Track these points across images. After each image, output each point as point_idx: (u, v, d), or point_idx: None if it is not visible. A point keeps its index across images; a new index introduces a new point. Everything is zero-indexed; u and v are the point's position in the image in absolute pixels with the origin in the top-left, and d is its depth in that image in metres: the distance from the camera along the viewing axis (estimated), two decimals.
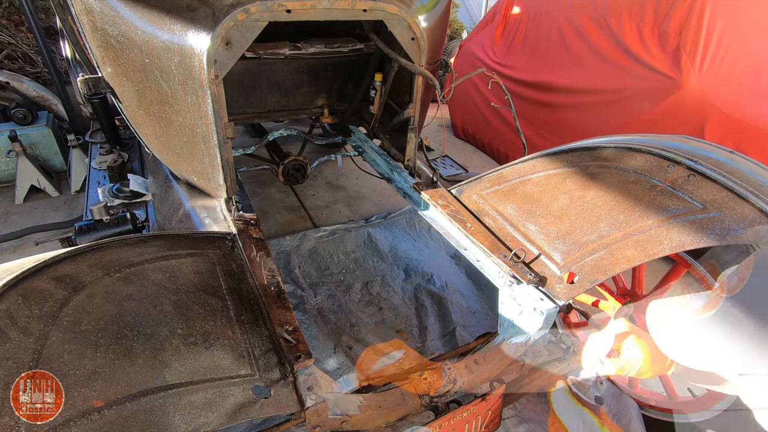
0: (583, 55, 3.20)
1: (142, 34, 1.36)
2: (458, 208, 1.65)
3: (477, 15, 7.40)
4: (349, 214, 3.11)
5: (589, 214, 1.35)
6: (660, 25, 2.79)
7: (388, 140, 2.23)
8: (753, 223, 1.08)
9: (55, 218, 2.96)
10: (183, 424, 0.79)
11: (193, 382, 0.86)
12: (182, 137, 1.54)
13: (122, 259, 1.04)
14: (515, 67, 3.72)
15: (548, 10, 3.54)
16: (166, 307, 0.97)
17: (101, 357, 0.81)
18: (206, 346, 0.94)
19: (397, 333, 2.22)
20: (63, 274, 0.92)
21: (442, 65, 2.20)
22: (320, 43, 2.07)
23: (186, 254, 1.17)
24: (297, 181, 2.63)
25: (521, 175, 1.58)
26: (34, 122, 3.31)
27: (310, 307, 2.31)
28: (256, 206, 3.06)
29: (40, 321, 0.80)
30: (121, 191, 2.17)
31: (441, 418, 1.12)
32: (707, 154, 1.27)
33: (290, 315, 1.14)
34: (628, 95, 2.89)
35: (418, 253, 2.77)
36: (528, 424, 1.89)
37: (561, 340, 1.45)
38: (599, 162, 1.43)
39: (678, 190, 1.22)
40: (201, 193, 1.71)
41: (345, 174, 3.60)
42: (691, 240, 1.12)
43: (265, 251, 1.36)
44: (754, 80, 2.59)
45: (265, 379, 0.95)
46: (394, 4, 1.52)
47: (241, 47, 1.35)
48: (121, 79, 1.52)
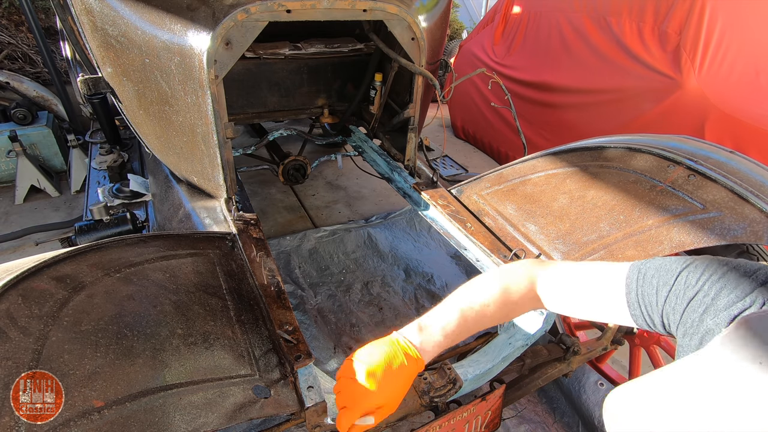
0: (583, 55, 3.20)
1: (142, 34, 1.36)
2: (458, 208, 1.65)
3: (477, 15, 7.40)
4: (349, 214, 3.11)
5: (589, 214, 1.35)
6: (660, 25, 2.79)
7: (388, 140, 2.23)
8: (753, 223, 1.08)
9: (55, 218, 2.96)
10: (183, 424, 0.79)
11: (193, 382, 0.86)
12: (182, 137, 1.54)
13: (122, 259, 1.04)
14: (515, 67, 3.72)
15: (548, 10, 3.54)
16: (166, 307, 0.97)
17: (101, 357, 0.81)
18: (206, 346, 0.94)
19: None
20: (63, 274, 0.92)
21: (442, 65, 2.20)
22: (320, 43, 2.07)
23: (186, 254, 1.17)
24: (297, 181, 2.63)
25: (521, 175, 1.58)
26: (34, 122, 3.31)
27: (311, 307, 2.31)
28: (256, 206, 3.06)
29: (40, 321, 0.80)
30: (121, 191, 2.17)
31: (441, 418, 1.12)
32: (707, 154, 1.27)
33: (290, 315, 1.14)
34: (628, 95, 2.89)
35: (418, 253, 2.77)
36: (528, 424, 1.89)
37: (561, 340, 1.45)
38: (599, 162, 1.43)
39: (678, 190, 1.22)
40: (201, 193, 1.71)
41: (345, 174, 3.60)
42: (691, 240, 1.13)
43: (265, 251, 1.36)
44: (754, 80, 2.59)
45: (265, 379, 0.95)
46: (394, 4, 1.52)
47: (241, 47, 1.35)
48: (121, 79, 1.52)
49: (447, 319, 0.80)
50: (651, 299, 0.64)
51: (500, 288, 0.81)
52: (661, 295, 0.63)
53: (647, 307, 0.65)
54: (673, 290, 0.61)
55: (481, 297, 0.81)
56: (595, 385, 1.88)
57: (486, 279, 0.85)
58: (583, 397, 1.87)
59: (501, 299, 0.81)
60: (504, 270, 0.85)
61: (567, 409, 1.93)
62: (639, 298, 0.66)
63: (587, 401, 1.85)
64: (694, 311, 0.58)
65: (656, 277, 0.64)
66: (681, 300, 0.60)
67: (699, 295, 0.58)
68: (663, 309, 0.63)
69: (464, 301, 0.82)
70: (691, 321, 0.58)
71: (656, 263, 0.66)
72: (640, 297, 0.66)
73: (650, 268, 0.66)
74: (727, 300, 0.55)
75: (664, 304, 0.62)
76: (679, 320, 0.60)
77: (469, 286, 0.85)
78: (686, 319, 0.59)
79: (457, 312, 0.80)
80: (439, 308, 0.83)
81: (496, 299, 0.81)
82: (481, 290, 0.83)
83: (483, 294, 0.82)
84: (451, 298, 0.84)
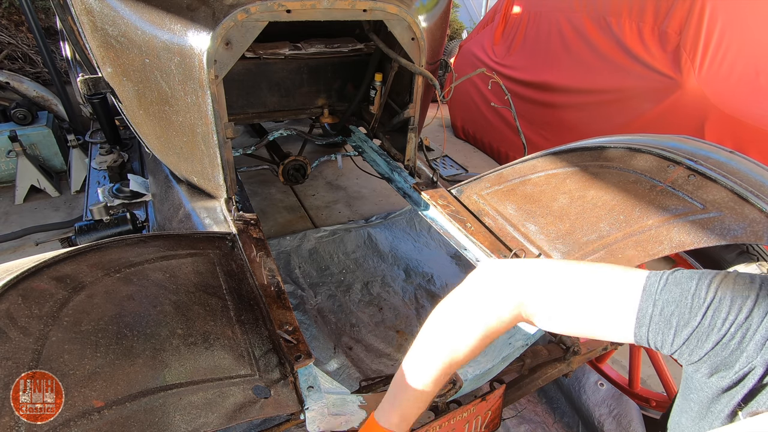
0: (583, 55, 3.20)
1: (142, 34, 1.36)
2: (458, 208, 1.65)
3: (477, 15, 7.40)
4: (349, 214, 3.11)
5: (589, 214, 1.35)
6: (660, 25, 2.79)
7: (388, 140, 2.22)
8: (753, 223, 1.08)
9: (55, 218, 2.96)
10: (183, 424, 0.79)
11: (193, 382, 0.86)
12: (182, 137, 1.54)
13: (122, 259, 1.04)
14: (515, 67, 3.72)
15: (548, 10, 3.54)
16: (166, 307, 0.97)
17: (101, 357, 0.81)
18: (206, 346, 0.94)
19: (397, 333, 2.22)
20: (63, 274, 0.92)
21: (442, 65, 2.20)
22: (320, 43, 2.07)
23: (186, 254, 1.17)
24: (297, 181, 2.63)
25: (521, 175, 1.58)
26: (34, 122, 3.31)
27: (310, 307, 2.31)
28: (256, 206, 3.06)
29: (40, 321, 0.80)
30: (121, 191, 2.17)
31: (441, 418, 1.12)
32: (707, 154, 1.27)
33: (290, 315, 1.14)
34: (628, 95, 2.89)
35: (418, 253, 2.77)
36: (528, 424, 1.89)
37: (561, 340, 1.45)
38: (599, 162, 1.43)
39: (678, 190, 1.22)
40: (201, 193, 1.71)
41: (345, 174, 3.60)
42: (691, 240, 1.12)
43: (265, 251, 1.36)
44: (754, 80, 2.59)
45: (265, 379, 0.95)
46: (394, 4, 1.52)
47: (241, 47, 1.35)
48: (121, 79, 1.52)
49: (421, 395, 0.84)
50: (666, 338, 0.61)
51: (482, 333, 0.75)
52: (680, 337, 0.59)
53: (658, 343, 0.62)
54: (695, 333, 0.58)
55: (461, 347, 0.77)
56: (595, 385, 1.88)
57: (466, 321, 0.76)
58: (583, 397, 1.87)
59: (481, 344, 0.77)
60: (486, 301, 0.74)
61: (567, 409, 1.93)
62: (650, 334, 0.62)
63: (587, 401, 1.85)
64: (717, 355, 0.57)
65: (676, 316, 0.59)
66: (703, 343, 0.58)
67: (725, 338, 0.56)
68: (679, 349, 0.60)
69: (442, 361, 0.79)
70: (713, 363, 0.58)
71: (675, 295, 0.60)
72: (652, 333, 0.62)
73: (669, 303, 0.60)
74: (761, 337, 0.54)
75: (682, 345, 0.60)
76: (696, 361, 0.59)
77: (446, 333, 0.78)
78: (707, 360, 0.58)
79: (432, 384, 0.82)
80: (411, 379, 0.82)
81: (476, 345, 0.77)
82: (461, 339, 0.77)
83: (463, 343, 0.77)
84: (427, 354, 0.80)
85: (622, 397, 1.84)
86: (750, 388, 0.55)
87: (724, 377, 0.57)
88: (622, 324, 0.64)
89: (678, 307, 0.59)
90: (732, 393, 0.58)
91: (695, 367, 0.60)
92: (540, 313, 0.71)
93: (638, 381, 1.85)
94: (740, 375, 0.56)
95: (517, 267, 0.74)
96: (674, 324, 0.59)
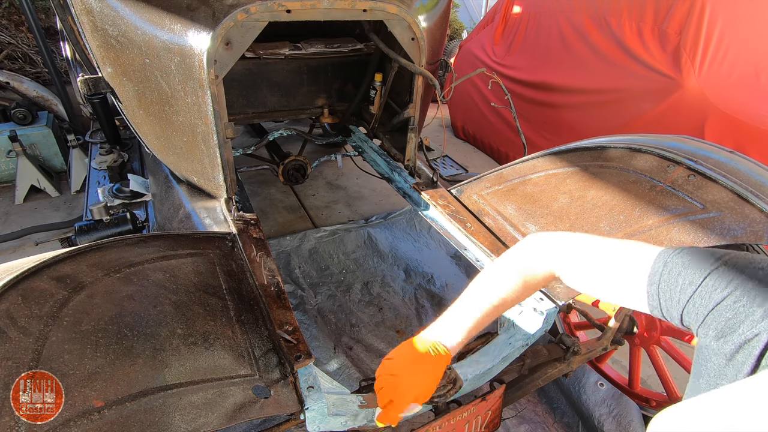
0: (583, 55, 3.20)
1: (142, 34, 1.36)
2: (458, 208, 1.65)
3: (477, 15, 7.40)
4: (349, 214, 3.11)
5: (589, 214, 1.35)
6: (660, 25, 2.79)
7: (388, 140, 2.23)
8: (753, 223, 1.08)
9: (55, 218, 2.96)
10: (183, 424, 0.79)
11: (193, 382, 0.86)
12: (182, 137, 1.54)
13: (122, 259, 1.04)
14: (515, 67, 3.72)
15: (548, 10, 3.54)
16: (166, 307, 0.97)
17: (101, 357, 0.81)
18: (206, 346, 0.94)
19: (397, 333, 2.22)
20: (63, 274, 0.92)
21: (442, 65, 2.20)
22: (320, 43, 2.07)
23: (186, 254, 1.17)
24: (297, 181, 2.63)
25: (521, 175, 1.58)
26: (34, 122, 3.31)
27: (310, 307, 2.31)
28: (256, 206, 3.06)
29: (40, 321, 0.80)
30: (121, 191, 2.17)
31: (441, 418, 1.12)
32: (707, 154, 1.27)
33: (290, 315, 1.14)
34: (628, 95, 2.89)
35: (418, 253, 2.77)
36: (528, 424, 1.89)
37: (561, 340, 1.45)
38: (599, 162, 1.43)
39: (678, 190, 1.22)
40: (201, 193, 1.71)
41: (345, 174, 3.60)
42: (691, 240, 1.12)
43: (265, 251, 1.36)
44: (754, 80, 2.59)
45: (265, 379, 0.95)
46: (394, 4, 1.52)
47: (241, 47, 1.35)
48: (121, 79, 1.52)
49: (468, 315, 0.87)
50: (673, 296, 0.63)
51: (521, 282, 0.86)
52: (685, 294, 0.62)
53: (667, 302, 0.65)
54: (699, 291, 0.60)
55: (501, 291, 0.87)
56: (595, 385, 1.88)
57: (505, 271, 0.88)
58: (583, 397, 1.87)
59: (521, 291, 0.87)
60: (522, 257, 0.88)
61: (567, 409, 1.93)
62: (660, 292, 0.65)
63: (587, 401, 1.85)
64: (720, 315, 0.57)
65: (683, 275, 0.63)
66: (706, 302, 0.59)
67: (728, 299, 0.57)
68: (685, 307, 0.62)
69: (485, 297, 0.87)
70: (718, 325, 0.58)
71: (685, 259, 0.64)
72: (662, 292, 0.65)
73: (677, 264, 0.65)
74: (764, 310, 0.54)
75: (687, 303, 0.62)
76: (701, 321, 0.60)
77: (488, 280, 0.89)
78: (711, 322, 0.58)
79: (478, 310, 0.87)
80: (460, 305, 0.89)
81: (516, 292, 0.87)
82: (501, 284, 0.87)
83: (503, 288, 0.87)
84: (472, 292, 0.90)
85: (622, 397, 1.84)
86: (757, 357, 0.54)
87: (728, 341, 0.57)
88: (636, 283, 0.69)
89: (686, 268, 0.63)
90: (738, 363, 0.56)
91: (704, 331, 0.60)
92: (568, 272, 0.81)
93: (638, 381, 1.85)
94: (744, 339, 0.55)
95: (553, 236, 0.86)
96: (680, 283, 0.63)
